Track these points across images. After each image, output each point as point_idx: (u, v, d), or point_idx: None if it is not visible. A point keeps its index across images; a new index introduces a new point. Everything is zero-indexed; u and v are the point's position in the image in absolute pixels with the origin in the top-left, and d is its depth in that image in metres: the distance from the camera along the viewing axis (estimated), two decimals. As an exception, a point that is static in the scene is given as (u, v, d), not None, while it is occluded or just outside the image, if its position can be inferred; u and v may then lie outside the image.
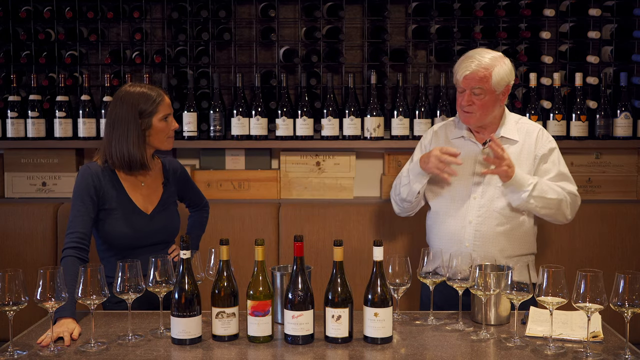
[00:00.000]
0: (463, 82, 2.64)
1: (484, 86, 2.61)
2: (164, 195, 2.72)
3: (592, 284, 1.98)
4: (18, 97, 3.67)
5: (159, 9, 3.78)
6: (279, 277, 2.34)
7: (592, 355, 2.03)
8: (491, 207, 2.68)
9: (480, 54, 2.65)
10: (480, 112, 2.65)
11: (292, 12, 3.80)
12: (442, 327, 2.32)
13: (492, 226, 2.67)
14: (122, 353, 2.08)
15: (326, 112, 3.62)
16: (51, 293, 2.05)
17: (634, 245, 3.49)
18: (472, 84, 2.62)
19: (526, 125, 2.76)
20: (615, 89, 3.66)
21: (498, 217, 2.67)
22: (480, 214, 2.68)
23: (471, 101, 2.64)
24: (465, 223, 2.70)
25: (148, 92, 2.61)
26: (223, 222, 3.48)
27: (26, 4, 3.70)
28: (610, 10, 3.60)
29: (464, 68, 2.63)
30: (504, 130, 2.72)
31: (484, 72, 2.60)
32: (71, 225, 2.50)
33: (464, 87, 2.65)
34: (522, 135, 2.73)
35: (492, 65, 2.61)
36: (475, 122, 2.69)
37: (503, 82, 2.64)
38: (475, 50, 2.70)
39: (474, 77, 2.61)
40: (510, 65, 2.67)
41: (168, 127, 2.64)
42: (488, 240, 2.67)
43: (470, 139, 2.75)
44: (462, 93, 2.66)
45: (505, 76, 2.64)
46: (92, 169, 2.59)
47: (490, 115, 2.68)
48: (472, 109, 2.65)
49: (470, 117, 2.67)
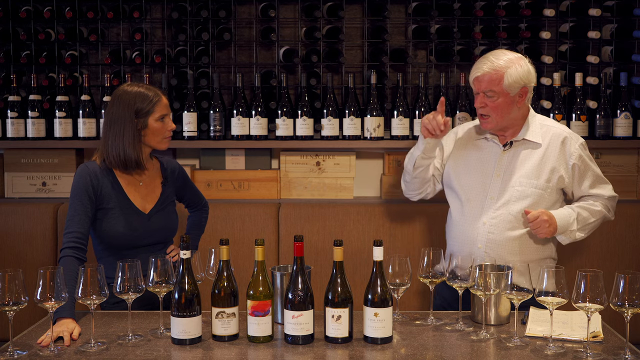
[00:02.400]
0: (475, 83, 2.63)
1: (495, 88, 2.58)
2: (162, 195, 2.72)
3: (592, 284, 1.98)
4: (18, 97, 3.67)
5: (159, 9, 3.78)
6: (279, 277, 2.34)
7: (592, 355, 2.03)
8: (507, 210, 2.64)
9: (496, 55, 2.61)
10: (495, 114, 2.61)
11: (292, 12, 3.80)
12: (442, 327, 2.32)
13: (505, 230, 2.64)
14: (122, 353, 2.08)
15: (326, 112, 3.62)
16: (51, 293, 2.05)
17: (634, 245, 3.49)
18: (483, 87, 2.59)
19: (552, 129, 2.70)
20: (615, 89, 3.66)
21: (513, 220, 2.64)
22: (495, 215, 2.65)
23: (484, 103, 2.61)
24: (479, 224, 2.67)
25: (145, 91, 2.61)
26: (223, 222, 3.48)
27: (26, 4, 3.69)
28: (610, 10, 3.60)
29: (476, 69, 2.61)
30: (527, 133, 2.67)
31: (495, 74, 2.57)
32: (69, 225, 2.50)
33: (477, 90, 2.63)
34: (547, 138, 2.68)
35: (505, 67, 2.57)
36: (494, 126, 2.65)
37: (517, 85, 2.59)
38: (494, 51, 2.67)
39: (484, 79, 2.59)
40: (527, 67, 2.62)
41: (164, 127, 2.64)
42: (501, 243, 2.63)
43: (493, 140, 2.73)
44: (477, 95, 2.64)
45: (520, 78, 2.58)
46: (90, 168, 2.59)
47: (507, 117, 2.64)
48: (486, 111, 2.62)
49: (487, 121, 2.64)
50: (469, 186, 2.73)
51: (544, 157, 2.66)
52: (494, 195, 2.67)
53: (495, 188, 2.67)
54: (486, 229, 2.65)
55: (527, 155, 2.67)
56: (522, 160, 2.67)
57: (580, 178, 2.68)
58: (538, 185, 2.64)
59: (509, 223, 2.64)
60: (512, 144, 2.69)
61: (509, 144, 2.69)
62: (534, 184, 2.64)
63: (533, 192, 2.63)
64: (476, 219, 2.68)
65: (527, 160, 2.67)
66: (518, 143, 2.69)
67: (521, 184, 2.64)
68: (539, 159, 2.66)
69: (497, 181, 2.67)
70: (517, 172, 2.66)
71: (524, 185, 2.64)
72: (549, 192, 2.65)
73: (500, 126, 2.67)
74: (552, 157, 2.66)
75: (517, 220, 2.64)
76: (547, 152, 2.67)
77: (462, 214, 2.73)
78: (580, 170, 2.68)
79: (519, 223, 2.64)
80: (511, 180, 2.65)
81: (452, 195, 2.80)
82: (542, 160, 2.66)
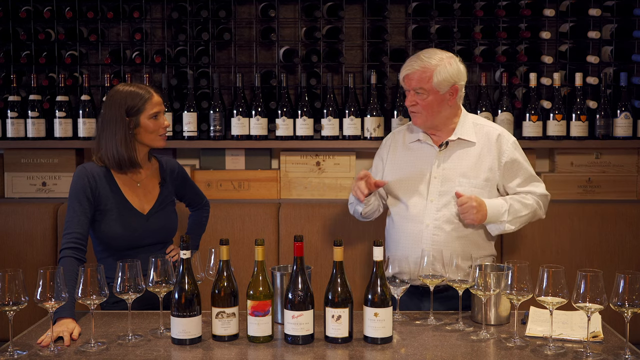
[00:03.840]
0: (405, 81, 2.61)
1: (424, 86, 2.56)
2: (161, 195, 2.72)
3: (592, 284, 1.98)
4: (18, 97, 3.67)
5: (159, 9, 3.78)
6: (279, 277, 2.34)
7: (592, 355, 2.03)
8: (449, 211, 2.62)
9: (427, 54, 2.60)
10: (425, 112, 2.60)
11: (292, 12, 3.80)
12: (442, 327, 2.32)
13: (448, 230, 2.62)
14: (122, 353, 2.08)
15: (326, 112, 3.62)
16: (51, 293, 2.05)
17: (634, 245, 3.49)
18: (413, 84, 2.58)
19: (485, 128, 2.70)
20: (615, 89, 3.66)
21: (454, 220, 2.62)
22: (437, 217, 2.63)
23: (414, 101, 2.59)
24: (422, 227, 2.64)
25: (136, 90, 2.60)
26: (223, 222, 3.48)
27: (26, 4, 3.70)
28: (610, 10, 3.60)
29: (406, 67, 2.60)
30: (461, 132, 2.66)
31: (424, 72, 2.56)
32: (68, 226, 2.50)
33: (407, 87, 2.61)
34: (480, 137, 2.67)
35: (435, 66, 2.56)
36: (422, 122, 2.63)
37: (447, 83, 2.58)
38: (426, 50, 2.65)
39: (414, 77, 2.57)
40: (458, 66, 2.61)
41: (158, 125, 2.63)
42: (445, 243, 2.60)
43: (427, 142, 2.70)
44: (407, 93, 2.63)
45: (449, 77, 2.57)
46: (88, 169, 2.59)
47: (437, 116, 2.62)
48: (417, 109, 2.60)
49: (416, 117, 2.63)
50: (408, 190, 2.69)
51: (480, 155, 2.65)
52: (433, 198, 2.63)
53: (434, 190, 2.64)
54: (430, 230, 2.62)
55: (463, 154, 2.66)
56: (459, 160, 2.65)
57: (513, 176, 2.67)
58: (477, 184, 2.63)
59: (451, 224, 2.63)
60: (448, 144, 2.67)
61: (444, 144, 2.66)
62: (473, 183, 2.63)
63: (472, 191, 2.61)
64: (419, 222, 2.64)
65: (464, 159, 2.65)
66: (453, 143, 2.67)
67: (460, 184, 2.63)
68: (475, 157, 2.65)
69: (436, 183, 2.64)
70: (455, 173, 2.64)
71: (463, 186, 2.62)
72: (487, 190, 2.64)
73: (430, 124, 2.65)
74: (487, 156, 2.65)
75: (459, 220, 2.62)
76: (483, 150, 2.66)
77: (405, 217, 2.68)
78: (513, 168, 2.67)
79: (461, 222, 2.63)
80: (450, 181, 2.63)
81: (393, 200, 2.76)
82: (478, 159, 2.65)
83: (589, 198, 3.66)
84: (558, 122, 3.58)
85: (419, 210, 2.64)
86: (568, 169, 3.70)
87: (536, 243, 3.49)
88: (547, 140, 3.62)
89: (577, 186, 3.69)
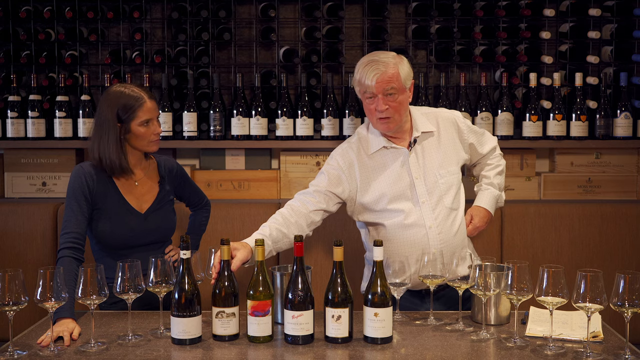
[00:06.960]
0: (376, 87, 2.51)
1: (396, 85, 2.52)
2: (160, 195, 2.72)
3: (592, 284, 1.98)
4: (18, 97, 3.67)
5: (159, 9, 3.78)
6: (279, 277, 2.34)
7: (592, 355, 2.03)
8: (443, 205, 2.63)
9: (382, 56, 2.55)
10: (397, 114, 2.55)
11: (292, 12, 3.80)
12: (442, 327, 2.32)
13: (449, 225, 2.63)
14: (122, 353, 2.08)
15: (326, 112, 3.62)
16: (51, 293, 2.05)
17: (634, 245, 3.49)
18: (385, 86, 2.51)
19: (433, 114, 2.72)
20: (615, 89, 3.66)
21: (451, 213, 2.65)
22: (435, 215, 2.61)
23: (386, 106, 2.53)
24: (426, 230, 2.60)
25: (129, 94, 2.57)
26: (223, 222, 3.48)
27: (26, 4, 3.70)
28: (610, 10, 3.60)
29: (373, 72, 2.51)
30: (420, 126, 2.65)
31: (393, 70, 2.53)
32: (66, 226, 2.50)
33: (377, 92, 2.52)
34: (434, 124, 2.69)
35: (397, 63, 2.55)
36: (395, 126, 2.58)
37: (409, 78, 2.58)
38: (375, 53, 2.59)
39: (385, 78, 2.51)
40: (408, 62, 2.61)
41: (149, 132, 2.59)
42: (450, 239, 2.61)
43: (393, 146, 2.64)
44: (373, 99, 2.54)
45: (409, 72, 2.59)
46: (85, 169, 2.59)
47: (405, 114, 2.62)
48: (389, 112, 2.54)
49: (389, 122, 2.56)
50: (397, 199, 2.62)
51: (443, 142, 2.68)
52: (424, 199, 2.61)
53: (422, 191, 2.62)
54: (434, 231, 2.61)
55: (429, 147, 2.66)
56: (429, 154, 2.66)
57: (480, 148, 2.79)
58: (454, 171, 2.67)
59: (449, 218, 2.64)
60: (416, 141, 2.65)
61: (413, 142, 2.64)
62: (451, 170, 2.66)
63: (454, 178, 2.66)
64: (421, 226, 2.60)
65: (433, 151, 2.66)
66: (419, 138, 2.66)
67: (442, 176, 2.63)
68: (440, 145, 2.67)
69: (420, 183, 2.62)
70: (432, 167, 2.64)
71: (445, 177, 2.64)
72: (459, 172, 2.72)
73: (399, 124, 2.61)
74: (449, 140, 2.69)
75: (453, 212, 2.66)
76: (443, 137, 2.68)
77: (405, 226, 2.61)
78: (478, 142, 2.78)
79: (454, 212, 2.67)
80: (430, 176, 2.63)
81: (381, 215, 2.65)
82: (444, 146, 2.67)
83: (589, 198, 3.66)
84: (558, 122, 3.58)
85: (417, 215, 2.61)
86: (568, 169, 3.70)
87: (536, 243, 3.49)
88: (547, 140, 3.63)
89: (577, 186, 3.69)
